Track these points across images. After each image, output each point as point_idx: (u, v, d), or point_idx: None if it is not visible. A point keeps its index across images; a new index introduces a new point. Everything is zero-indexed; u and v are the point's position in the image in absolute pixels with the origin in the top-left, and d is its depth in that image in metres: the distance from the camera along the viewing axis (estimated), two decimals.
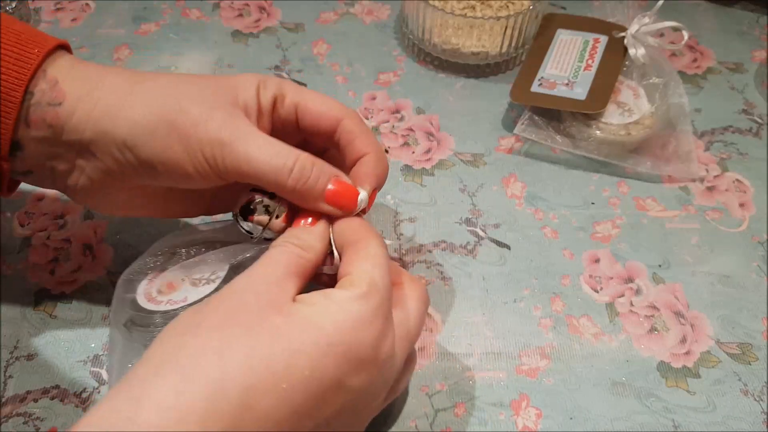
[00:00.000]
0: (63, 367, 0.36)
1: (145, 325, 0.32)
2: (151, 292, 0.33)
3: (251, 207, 0.31)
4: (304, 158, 0.29)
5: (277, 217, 0.31)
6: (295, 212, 0.31)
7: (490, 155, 0.47)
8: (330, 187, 0.30)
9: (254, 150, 0.28)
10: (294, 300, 0.26)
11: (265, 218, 0.31)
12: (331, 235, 0.30)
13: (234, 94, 0.30)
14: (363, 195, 0.31)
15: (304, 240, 0.29)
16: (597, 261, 0.41)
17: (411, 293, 0.30)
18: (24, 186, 0.43)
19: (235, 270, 0.34)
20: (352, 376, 0.26)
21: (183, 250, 0.36)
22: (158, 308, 0.32)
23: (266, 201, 0.31)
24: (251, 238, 0.32)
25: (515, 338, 0.38)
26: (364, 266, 0.28)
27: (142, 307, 0.33)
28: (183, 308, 0.32)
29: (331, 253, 0.30)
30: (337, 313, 0.26)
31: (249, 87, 0.31)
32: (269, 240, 0.31)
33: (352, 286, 0.27)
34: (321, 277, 0.31)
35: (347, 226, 0.30)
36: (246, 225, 0.31)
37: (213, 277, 0.34)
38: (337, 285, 0.27)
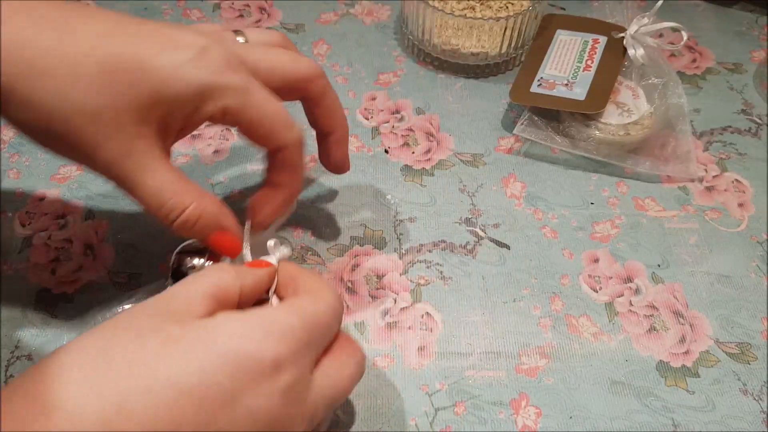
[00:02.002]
0: None
1: None
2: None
3: (182, 270, 0.30)
4: (191, 211, 0.28)
5: None
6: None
7: (490, 155, 0.47)
8: (213, 235, 0.29)
9: (148, 188, 0.27)
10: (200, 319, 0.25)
11: None
12: (275, 283, 0.29)
13: (157, 97, 0.26)
14: (271, 243, 0.30)
15: (235, 268, 0.28)
16: (596, 261, 0.41)
17: (353, 353, 0.29)
18: (25, 186, 0.43)
19: None
20: (248, 393, 0.23)
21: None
22: None
23: (196, 263, 0.30)
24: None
25: (515, 338, 0.38)
26: (301, 299, 0.27)
27: None
28: None
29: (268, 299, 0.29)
30: (242, 325, 0.24)
31: (186, 101, 0.27)
32: None
33: (272, 311, 0.26)
34: None
35: (301, 280, 0.29)
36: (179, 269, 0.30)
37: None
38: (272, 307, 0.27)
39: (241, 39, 0.32)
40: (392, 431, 0.34)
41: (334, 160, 0.36)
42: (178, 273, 0.29)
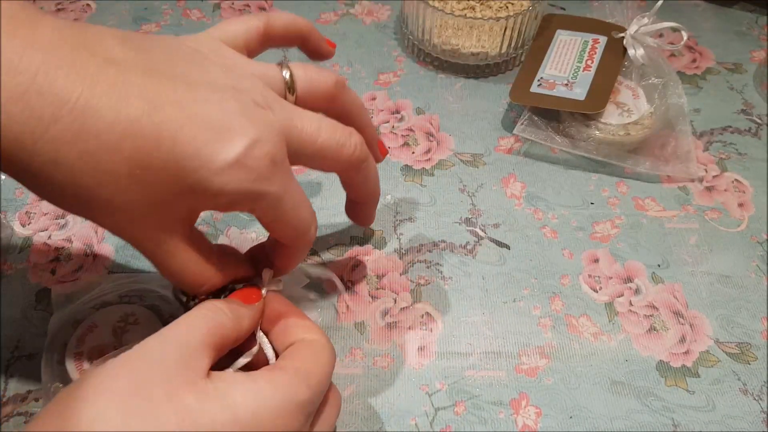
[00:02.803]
0: None
1: None
2: (82, 360, 0.33)
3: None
4: (208, 288, 0.28)
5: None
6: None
7: (490, 155, 0.47)
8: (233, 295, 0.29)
9: (168, 269, 0.27)
10: (208, 376, 0.24)
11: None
12: (260, 320, 0.29)
13: (190, 196, 0.24)
14: (267, 274, 0.30)
15: (233, 311, 0.27)
16: (596, 261, 0.41)
17: (332, 400, 0.29)
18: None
19: None
20: None
21: (115, 306, 0.36)
22: None
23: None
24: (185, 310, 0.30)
25: (515, 338, 0.38)
26: (306, 361, 0.27)
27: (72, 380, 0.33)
28: None
29: (254, 337, 0.29)
30: (256, 397, 0.24)
31: (219, 202, 0.25)
32: None
33: (281, 371, 0.25)
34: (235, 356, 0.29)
35: (292, 322, 0.29)
36: (188, 303, 0.29)
37: None
38: (264, 367, 0.26)
39: (286, 74, 0.28)
40: (392, 431, 0.34)
41: (360, 218, 0.37)
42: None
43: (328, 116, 0.29)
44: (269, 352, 0.29)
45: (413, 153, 0.47)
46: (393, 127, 0.48)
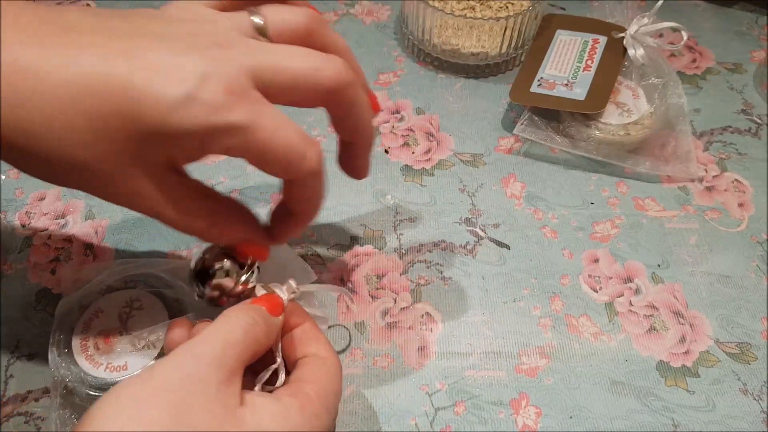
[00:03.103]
0: None
1: (80, 383, 0.33)
2: (88, 345, 0.34)
3: (208, 272, 0.29)
4: (210, 236, 0.28)
5: (239, 283, 0.29)
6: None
7: (490, 155, 0.47)
8: (239, 246, 0.29)
9: (166, 218, 0.27)
10: (242, 402, 0.24)
11: (227, 282, 0.29)
12: (279, 341, 0.29)
13: (155, 140, 0.24)
14: (293, 283, 0.30)
15: (267, 324, 0.27)
16: (596, 261, 0.41)
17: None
18: (25, 185, 0.43)
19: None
20: None
21: (120, 292, 0.36)
22: (96, 374, 0.33)
23: (224, 265, 0.29)
24: (200, 298, 0.30)
25: (515, 338, 0.38)
26: (318, 374, 0.27)
27: (80, 367, 0.33)
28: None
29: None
30: (285, 424, 0.25)
31: (186, 143, 0.24)
32: (216, 305, 0.29)
33: (307, 398, 0.26)
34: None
35: (314, 337, 0.29)
36: (204, 290, 0.29)
37: (153, 338, 0.34)
38: (289, 391, 0.26)
39: (257, 19, 0.27)
40: (392, 431, 0.34)
41: (354, 167, 0.33)
42: (203, 274, 0.29)
43: None
44: (282, 373, 0.29)
45: (413, 153, 0.47)
46: (393, 127, 0.48)
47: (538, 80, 0.47)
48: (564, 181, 0.46)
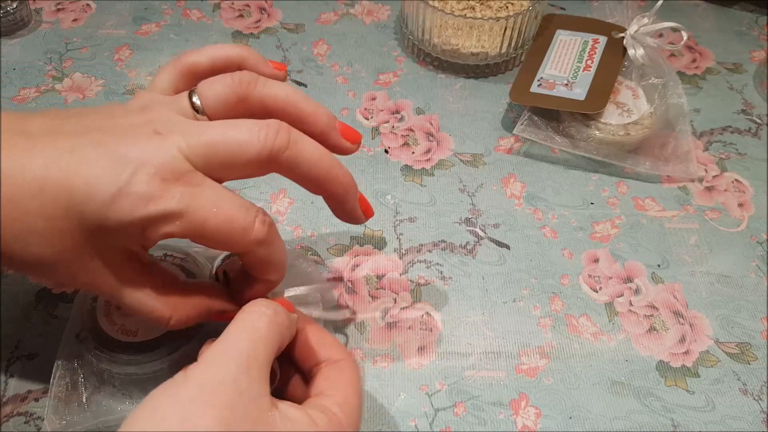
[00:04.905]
0: None
1: (90, 337, 0.33)
2: (111, 313, 0.34)
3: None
4: (173, 323, 0.29)
5: None
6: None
7: (490, 155, 0.47)
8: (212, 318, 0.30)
9: (127, 305, 0.28)
10: (272, 406, 0.25)
11: None
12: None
13: (99, 233, 0.25)
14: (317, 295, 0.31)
15: (293, 325, 0.28)
16: (596, 261, 0.41)
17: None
18: None
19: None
20: None
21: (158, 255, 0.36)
22: (108, 332, 0.33)
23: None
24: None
25: (515, 338, 0.38)
26: (339, 381, 0.28)
27: (98, 324, 0.34)
28: (132, 345, 0.33)
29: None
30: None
31: (127, 233, 0.25)
32: None
33: (334, 411, 0.26)
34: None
35: (324, 340, 0.29)
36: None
37: None
38: (316, 403, 0.27)
39: (195, 99, 0.28)
40: (392, 431, 0.34)
41: (344, 216, 0.31)
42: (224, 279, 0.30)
43: (256, 117, 0.27)
44: (276, 373, 0.29)
45: (413, 153, 0.47)
46: (393, 127, 0.48)
47: (538, 80, 0.47)
48: (564, 181, 0.46)
